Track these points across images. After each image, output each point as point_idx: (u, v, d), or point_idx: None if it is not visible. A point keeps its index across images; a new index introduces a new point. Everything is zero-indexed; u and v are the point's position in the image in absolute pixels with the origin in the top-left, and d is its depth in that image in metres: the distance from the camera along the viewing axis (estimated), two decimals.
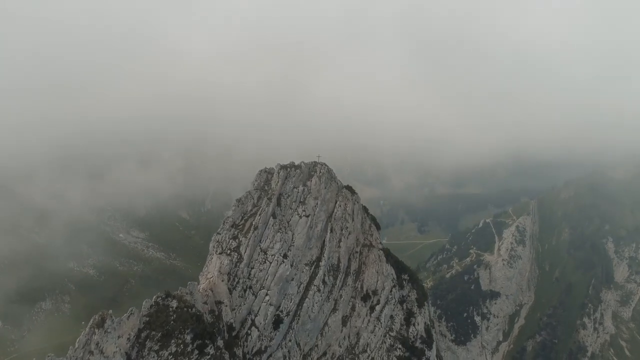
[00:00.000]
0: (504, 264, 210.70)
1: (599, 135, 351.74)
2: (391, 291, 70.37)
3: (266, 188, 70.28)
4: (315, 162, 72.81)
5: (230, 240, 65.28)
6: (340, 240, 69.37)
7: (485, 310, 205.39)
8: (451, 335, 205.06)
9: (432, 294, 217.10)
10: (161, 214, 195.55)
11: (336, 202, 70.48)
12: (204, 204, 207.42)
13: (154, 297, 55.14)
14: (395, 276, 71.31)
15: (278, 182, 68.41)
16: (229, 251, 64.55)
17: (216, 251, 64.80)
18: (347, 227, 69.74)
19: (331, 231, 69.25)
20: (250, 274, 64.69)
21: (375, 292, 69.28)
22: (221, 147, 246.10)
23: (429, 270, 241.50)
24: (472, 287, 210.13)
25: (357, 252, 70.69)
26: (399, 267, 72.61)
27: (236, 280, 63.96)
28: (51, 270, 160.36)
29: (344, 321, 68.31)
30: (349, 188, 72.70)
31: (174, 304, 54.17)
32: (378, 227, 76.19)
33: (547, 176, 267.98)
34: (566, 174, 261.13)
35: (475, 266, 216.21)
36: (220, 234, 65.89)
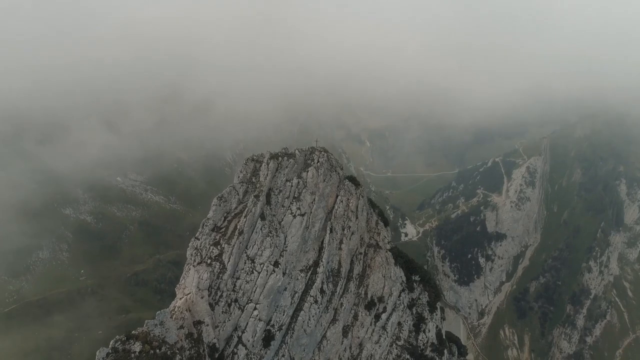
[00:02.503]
0: (511, 206, 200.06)
1: (617, 71, 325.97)
2: (399, 296, 59.49)
3: (254, 180, 57.33)
4: (312, 148, 59.12)
5: (211, 247, 53.45)
6: (341, 242, 57.44)
7: (490, 252, 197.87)
8: (454, 276, 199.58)
9: (437, 233, 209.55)
10: (159, 155, 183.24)
11: (337, 197, 57.76)
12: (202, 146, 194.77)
13: (111, 342, 44.21)
14: (404, 279, 60.17)
15: (267, 175, 55.31)
16: (209, 260, 52.90)
17: (194, 260, 53.15)
18: (349, 227, 57.52)
19: (331, 231, 57.14)
20: (235, 286, 53.52)
21: (381, 299, 58.38)
22: (199, 101, 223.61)
23: (434, 208, 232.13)
24: (478, 229, 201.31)
25: (361, 253, 59.01)
26: (409, 268, 61.42)
27: (219, 293, 52.88)
28: (47, 217, 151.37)
29: (345, 332, 58.03)
30: (352, 180, 59.51)
31: (137, 347, 43.32)
32: (386, 224, 64.02)
33: (561, 109, 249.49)
34: (581, 109, 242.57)
35: (482, 207, 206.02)
36: (198, 239, 53.93)
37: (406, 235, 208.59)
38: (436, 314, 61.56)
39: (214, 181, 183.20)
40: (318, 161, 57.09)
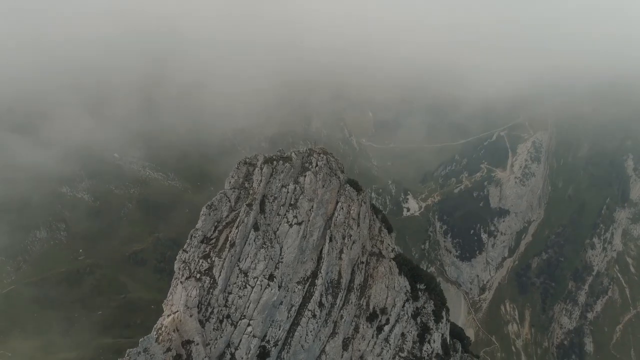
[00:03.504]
0: (516, 182, 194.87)
1: (626, 42, 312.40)
2: (403, 306, 55.20)
3: (246, 185, 52.19)
4: (310, 150, 53.58)
5: (201, 261, 48.83)
6: (341, 252, 52.71)
7: (492, 228, 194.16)
8: (456, 251, 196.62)
9: (439, 209, 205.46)
10: (157, 129, 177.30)
11: (337, 204, 52.69)
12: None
13: None
14: (409, 288, 55.77)
15: (261, 181, 50.11)
16: (198, 275, 48.39)
17: (182, 275, 48.67)
18: (350, 235, 52.68)
19: (330, 240, 52.34)
20: (227, 301, 49.18)
21: (384, 311, 54.12)
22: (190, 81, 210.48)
23: (436, 181, 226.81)
24: (481, 205, 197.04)
25: (362, 262, 54.41)
26: (415, 276, 56.91)
27: (209, 309, 48.59)
28: (43, 196, 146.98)
29: (345, 344, 54.04)
30: (353, 184, 54.17)
31: None
32: (390, 230, 59.13)
33: (569, 85, 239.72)
34: (589, 85, 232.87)
35: (485, 182, 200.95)
36: (186, 252, 49.30)
37: (408, 210, 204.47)
38: (442, 323, 57.48)
39: (214, 159, 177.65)
40: (317, 165, 51.74)
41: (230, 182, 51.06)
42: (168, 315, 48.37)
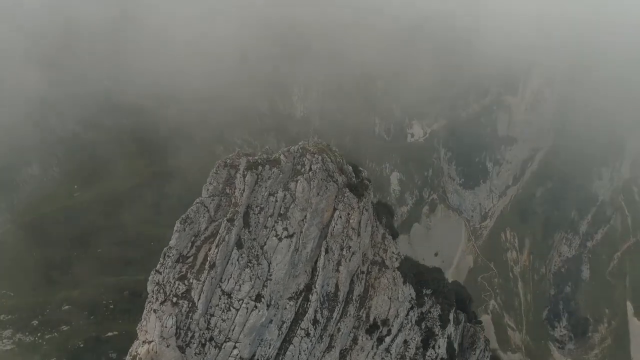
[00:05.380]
0: (527, 108, 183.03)
1: None
2: (407, 315, 49.07)
3: (228, 191, 43.52)
4: (303, 149, 43.95)
5: (177, 283, 41.72)
6: (339, 263, 45.37)
7: (498, 156, 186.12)
8: (460, 179, 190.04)
9: (444, 135, 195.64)
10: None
11: (334, 211, 44.41)
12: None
13: None
14: (414, 295, 49.25)
15: (244, 190, 41.46)
16: (175, 298, 41.55)
17: (156, 299, 41.78)
18: (349, 247, 45.02)
19: (327, 252, 44.81)
20: (209, 324, 42.83)
21: (385, 322, 48.06)
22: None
23: (442, 103, 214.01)
24: (488, 131, 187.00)
25: (363, 272, 47.33)
26: (420, 281, 50.16)
27: (189, 334, 42.36)
28: (31, 131, 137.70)
29: (343, 356, 48.63)
30: (354, 189, 45.29)
31: None
32: (395, 235, 51.12)
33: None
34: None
35: (494, 107, 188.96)
36: (160, 273, 41.99)
37: (412, 136, 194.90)
38: (449, 327, 51.80)
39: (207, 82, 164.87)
40: (310, 169, 42.70)
41: (208, 190, 42.42)
42: (143, 342, 42.32)
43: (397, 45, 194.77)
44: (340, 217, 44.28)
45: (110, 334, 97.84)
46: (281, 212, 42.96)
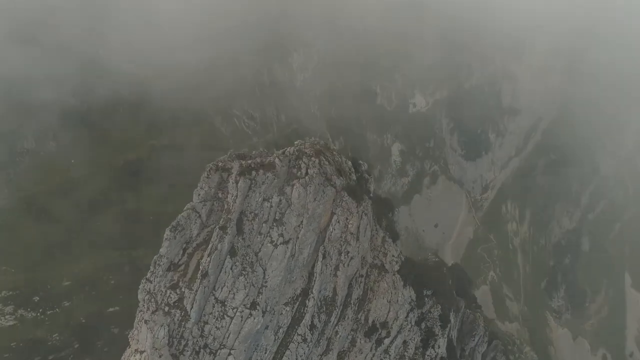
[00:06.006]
0: (532, 77, 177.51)
1: None
2: (407, 317, 47.61)
3: (220, 195, 41.22)
4: (299, 151, 41.32)
5: (168, 292, 40.07)
6: (337, 268, 43.52)
7: (501, 127, 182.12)
8: (462, 150, 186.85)
9: (447, 105, 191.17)
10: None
11: (332, 216, 42.17)
12: None
13: None
14: (414, 297, 47.63)
15: (237, 196, 39.16)
16: (167, 307, 40.00)
17: (147, 308, 40.20)
18: (348, 252, 43.05)
19: (324, 257, 42.89)
20: (203, 331, 41.44)
21: (384, 325, 46.67)
22: None
23: (445, 71, 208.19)
24: (492, 102, 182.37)
25: (362, 276, 45.52)
26: (421, 282, 48.39)
27: (183, 342, 41.04)
28: (25, 104, 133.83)
29: (340, 357, 47.50)
30: (352, 193, 42.84)
31: None
32: (395, 238, 48.86)
33: None
34: None
35: (499, 76, 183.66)
36: (151, 282, 40.26)
37: (414, 106, 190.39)
38: (450, 326, 50.47)
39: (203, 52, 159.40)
40: (307, 173, 40.22)
41: (199, 195, 40.11)
42: (135, 351, 41.02)
43: (400, 13, 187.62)
44: (339, 222, 42.17)
45: (111, 309, 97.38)
46: (276, 217, 40.81)
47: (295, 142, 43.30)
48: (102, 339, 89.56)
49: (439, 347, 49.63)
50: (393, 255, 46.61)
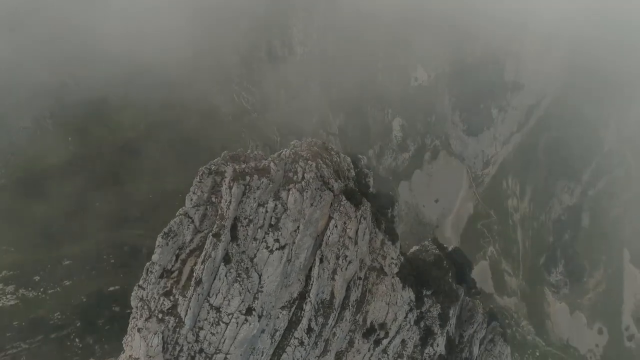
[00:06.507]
0: (537, 54, 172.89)
1: None
2: (406, 317, 46.65)
3: (214, 200, 39.53)
4: (295, 153, 39.36)
5: (162, 298, 38.90)
6: (334, 272, 42.21)
7: (504, 103, 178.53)
8: (463, 126, 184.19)
9: (449, 79, 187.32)
10: None
11: (329, 220, 40.57)
12: None
13: None
14: (414, 297, 46.52)
15: (230, 202, 37.48)
16: (160, 314, 38.93)
17: (141, 315, 39.14)
18: (346, 256, 41.62)
19: (321, 261, 41.55)
20: (198, 336, 40.52)
21: (383, 326, 45.73)
22: None
23: (449, 47, 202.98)
24: (495, 77, 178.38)
25: (360, 278, 44.25)
26: (421, 282, 47.24)
27: (177, 348, 40.16)
28: (21, 86, 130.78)
29: (338, 357, 46.82)
30: (351, 197, 41.03)
31: None
32: (395, 240, 47.20)
33: None
34: None
35: (503, 51, 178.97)
36: (143, 289, 39.02)
37: (416, 80, 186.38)
38: (450, 325, 49.62)
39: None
40: (303, 177, 38.42)
41: (192, 200, 38.40)
42: (129, 357, 40.20)
43: None
44: (337, 226, 40.63)
45: (112, 288, 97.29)
46: (272, 222, 39.26)
47: (291, 143, 41.43)
48: (103, 317, 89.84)
49: (437, 345, 48.95)
50: (392, 258, 45.25)
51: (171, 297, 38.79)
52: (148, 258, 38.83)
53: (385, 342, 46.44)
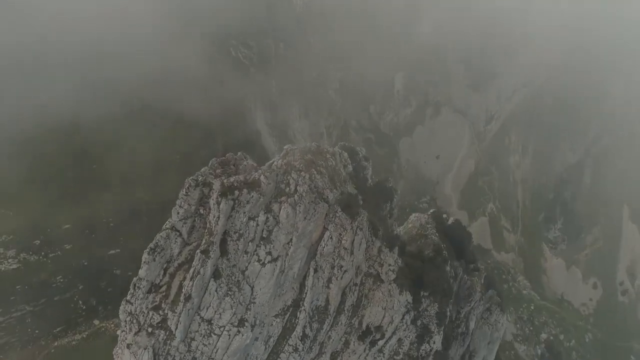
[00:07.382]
0: (546, 10, 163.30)
1: None
2: (403, 318, 45.22)
3: (202, 212, 36.99)
4: (287, 164, 36.20)
5: (151, 313, 37.29)
6: (329, 280, 40.26)
7: (511, 59, 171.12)
8: (467, 81, 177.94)
9: (454, 33, 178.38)
10: None
11: (324, 231, 38.08)
12: None
13: None
14: (411, 300, 44.83)
15: (219, 217, 34.97)
16: (150, 328, 37.49)
17: (130, 329, 37.69)
18: (341, 266, 39.44)
19: (316, 271, 39.48)
20: (190, 347, 39.32)
21: (379, 328, 44.37)
22: None
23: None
24: (503, 31, 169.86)
25: (355, 284, 42.31)
26: (419, 283, 45.37)
27: (170, 358, 39.11)
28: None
29: (334, 358, 45.91)
30: (347, 208, 38.18)
31: None
32: (393, 245, 44.41)
33: None
34: None
35: (510, 7, 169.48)
36: (131, 304, 37.31)
37: (420, 33, 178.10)
38: (446, 323, 48.34)
39: None
40: (296, 190, 35.62)
41: (178, 213, 35.89)
42: None
43: None
44: (332, 238, 38.28)
45: (112, 251, 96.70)
46: (263, 235, 36.93)
47: (285, 147, 38.33)
48: (104, 280, 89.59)
49: (434, 342, 47.97)
50: (390, 265, 43.17)
51: (160, 312, 37.19)
52: (149, 221, 36.91)
53: (381, 342, 45.35)
